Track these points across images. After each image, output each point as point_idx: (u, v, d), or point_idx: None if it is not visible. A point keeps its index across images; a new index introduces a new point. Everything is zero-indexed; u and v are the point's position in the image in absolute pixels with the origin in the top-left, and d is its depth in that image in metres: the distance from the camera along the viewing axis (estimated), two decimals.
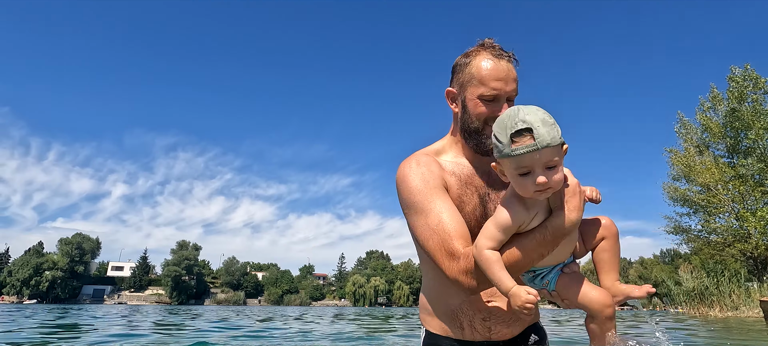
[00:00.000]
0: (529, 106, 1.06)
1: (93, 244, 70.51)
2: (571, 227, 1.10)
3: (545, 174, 1.02)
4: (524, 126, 1.01)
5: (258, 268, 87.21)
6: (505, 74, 1.30)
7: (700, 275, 18.05)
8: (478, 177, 1.39)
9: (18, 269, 62.78)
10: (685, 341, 4.00)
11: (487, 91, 1.30)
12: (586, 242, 1.26)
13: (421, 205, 1.26)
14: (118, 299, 68.22)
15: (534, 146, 1.00)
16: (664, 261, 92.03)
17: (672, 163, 20.37)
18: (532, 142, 1.00)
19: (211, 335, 5.01)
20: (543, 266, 1.20)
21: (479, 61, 1.32)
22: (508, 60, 1.33)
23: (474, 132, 1.35)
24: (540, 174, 1.02)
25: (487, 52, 1.33)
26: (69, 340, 3.11)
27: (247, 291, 76.60)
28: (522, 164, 1.02)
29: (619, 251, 1.27)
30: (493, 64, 1.31)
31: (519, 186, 1.06)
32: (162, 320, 7.88)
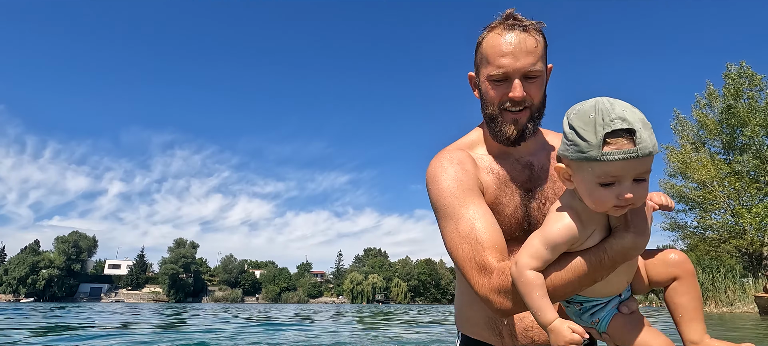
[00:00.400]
0: (618, 100, 0.84)
1: (90, 242, 70.27)
2: (635, 252, 0.89)
3: (633, 188, 0.81)
4: (624, 126, 0.79)
5: (256, 265, 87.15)
6: (515, 47, 1.12)
7: (696, 271, 18.15)
8: (518, 174, 1.22)
9: (14, 268, 62.49)
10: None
11: (494, 70, 1.14)
12: (650, 276, 0.97)
13: (452, 209, 1.10)
14: (115, 298, 68.05)
15: (634, 153, 0.78)
16: None
17: (668, 160, 20.49)
18: (632, 147, 0.79)
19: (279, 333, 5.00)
20: (594, 297, 0.96)
21: (490, 38, 1.16)
22: (522, 30, 1.13)
23: (490, 120, 1.20)
24: (628, 187, 0.81)
25: (499, 26, 1.15)
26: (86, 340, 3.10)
27: (245, 289, 76.55)
28: (611, 173, 0.80)
29: (701, 296, 0.97)
30: (500, 39, 1.13)
31: (594, 197, 0.83)
32: (176, 321, 7.88)
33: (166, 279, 69.25)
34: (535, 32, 1.15)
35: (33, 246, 66.87)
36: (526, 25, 1.14)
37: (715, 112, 20.13)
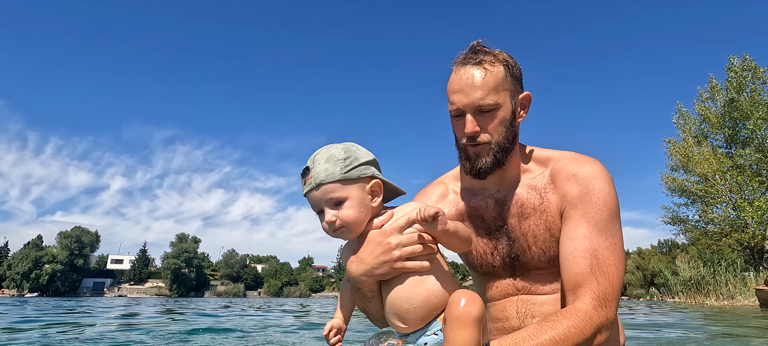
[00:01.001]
0: (341, 144, 0.99)
1: (92, 237, 70.55)
2: (353, 278, 0.98)
3: (335, 212, 0.94)
4: (306, 165, 0.97)
5: (257, 260, 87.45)
6: (465, 83, 1.12)
7: (697, 264, 18.16)
8: (486, 209, 1.24)
9: (17, 263, 62.85)
10: (684, 328, 4.04)
11: (450, 106, 1.16)
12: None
13: None
14: (118, 292, 68.43)
15: (310, 185, 0.95)
16: (661, 251, 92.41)
17: (670, 153, 20.42)
18: (310, 181, 0.95)
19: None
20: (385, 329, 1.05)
21: (451, 74, 1.18)
22: (475, 64, 1.13)
23: (458, 154, 1.22)
24: (327, 213, 0.94)
25: (458, 61, 1.17)
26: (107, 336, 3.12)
27: (247, 283, 76.89)
28: (311, 205, 0.98)
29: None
30: (454, 75, 1.15)
31: (323, 226, 0.98)
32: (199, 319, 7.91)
33: (168, 274, 69.57)
34: (491, 65, 1.14)
35: (36, 241, 67.18)
36: (480, 59, 1.14)
37: (717, 106, 20.03)
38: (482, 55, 1.15)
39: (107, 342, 2.13)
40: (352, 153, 0.96)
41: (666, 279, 20.33)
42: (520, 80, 1.20)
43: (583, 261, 1.03)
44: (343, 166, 0.94)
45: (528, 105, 1.22)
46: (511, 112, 1.17)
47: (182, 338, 2.40)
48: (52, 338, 2.24)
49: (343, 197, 0.94)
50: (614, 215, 1.09)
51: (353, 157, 0.95)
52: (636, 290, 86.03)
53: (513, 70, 1.17)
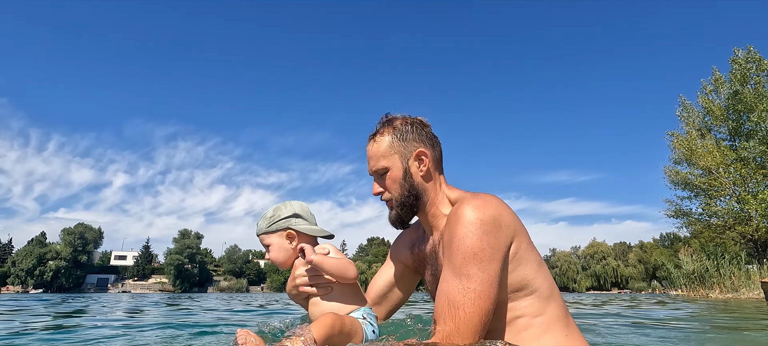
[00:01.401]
0: (275, 205, 1.50)
1: (95, 233, 70.88)
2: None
3: (267, 254, 1.48)
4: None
5: (260, 255, 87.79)
6: (367, 155, 1.42)
7: (701, 257, 18.15)
8: (423, 252, 1.46)
9: (21, 259, 63.24)
10: (689, 320, 4.04)
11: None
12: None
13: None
14: (122, 288, 68.81)
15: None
16: (663, 245, 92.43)
17: (673, 146, 20.33)
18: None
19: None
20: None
21: None
22: (370, 138, 1.41)
23: None
24: (266, 254, 1.51)
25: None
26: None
27: (250, 279, 77.24)
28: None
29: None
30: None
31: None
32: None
33: (171, 270, 69.92)
34: (381, 135, 1.39)
35: (39, 238, 67.53)
36: (374, 133, 1.41)
37: (721, 98, 19.92)
38: (377, 129, 1.42)
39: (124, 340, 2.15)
40: (277, 212, 1.44)
41: (669, 272, 20.32)
42: (414, 139, 1.37)
43: (440, 302, 1.15)
44: (268, 223, 1.44)
45: (427, 158, 1.35)
46: (404, 170, 1.36)
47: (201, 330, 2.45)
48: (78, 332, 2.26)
49: (267, 243, 1.46)
50: (471, 259, 1.12)
51: (277, 215, 1.44)
52: (638, 284, 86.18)
53: (403, 134, 1.37)
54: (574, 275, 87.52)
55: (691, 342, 2.28)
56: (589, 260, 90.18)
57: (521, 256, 1.18)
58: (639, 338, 2.40)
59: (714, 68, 20.37)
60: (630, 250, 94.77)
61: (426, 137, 1.39)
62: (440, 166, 1.40)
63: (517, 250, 1.18)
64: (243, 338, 1.11)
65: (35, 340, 2.11)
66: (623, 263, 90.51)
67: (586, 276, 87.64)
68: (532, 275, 1.19)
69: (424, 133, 1.39)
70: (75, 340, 2.07)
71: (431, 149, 1.37)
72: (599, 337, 2.34)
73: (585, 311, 5.49)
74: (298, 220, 1.44)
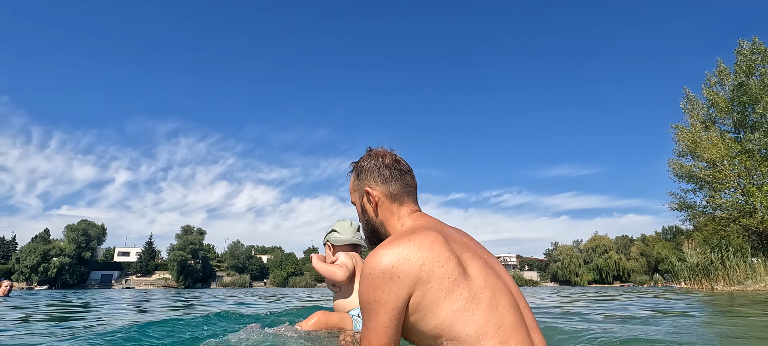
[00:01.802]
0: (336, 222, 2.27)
1: (98, 230, 71.10)
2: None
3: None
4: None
5: (262, 251, 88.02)
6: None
7: (705, 250, 18.11)
8: None
9: (26, 256, 63.51)
10: (701, 311, 4.02)
11: None
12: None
13: None
14: (126, 284, 69.14)
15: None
16: (666, 238, 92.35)
17: (678, 139, 20.23)
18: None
19: None
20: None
21: None
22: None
23: None
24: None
25: None
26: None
27: (253, 274, 77.49)
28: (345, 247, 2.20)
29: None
30: None
31: (339, 261, 2.11)
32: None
33: (174, 265, 70.15)
34: (351, 173, 1.56)
35: (43, 235, 67.78)
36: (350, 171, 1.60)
37: (726, 90, 19.79)
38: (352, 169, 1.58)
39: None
40: (332, 229, 2.19)
41: (672, 265, 20.30)
42: (366, 177, 1.46)
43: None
44: (325, 236, 2.16)
45: (374, 194, 1.43)
46: (361, 206, 1.51)
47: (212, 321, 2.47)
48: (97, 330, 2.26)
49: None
50: (364, 309, 1.19)
51: (329, 231, 2.19)
52: (640, 277, 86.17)
53: (359, 173, 1.48)
54: (576, 269, 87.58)
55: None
56: (591, 253, 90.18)
57: (427, 305, 1.14)
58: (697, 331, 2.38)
59: (719, 60, 20.24)
60: (632, 243, 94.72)
61: (378, 175, 1.45)
62: (402, 197, 1.43)
63: (420, 299, 1.14)
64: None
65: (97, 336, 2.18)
66: (625, 256, 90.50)
67: (588, 270, 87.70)
68: (449, 323, 1.13)
69: (377, 171, 1.45)
70: (160, 334, 2.15)
71: (383, 185, 1.42)
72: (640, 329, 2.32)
73: (620, 302, 5.47)
74: (332, 234, 2.17)
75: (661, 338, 2.02)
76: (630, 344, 1.77)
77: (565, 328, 2.43)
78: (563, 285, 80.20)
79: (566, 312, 4.04)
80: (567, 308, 4.86)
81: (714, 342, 1.96)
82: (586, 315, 3.59)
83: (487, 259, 1.29)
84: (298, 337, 1.70)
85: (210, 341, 1.70)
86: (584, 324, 2.69)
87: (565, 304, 5.95)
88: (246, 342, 1.61)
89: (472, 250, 1.27)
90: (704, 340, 2.03)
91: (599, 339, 1.86)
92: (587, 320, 3.13)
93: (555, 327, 2.47)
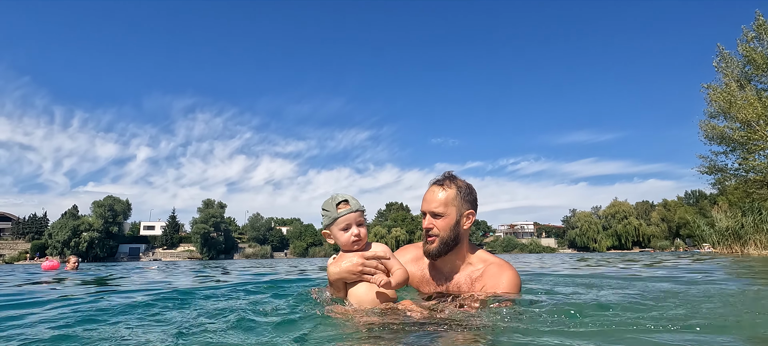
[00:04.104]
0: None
1: (124, 205, 73.34)
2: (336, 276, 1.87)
3: (363, 230, 1.80)
4: (343, 199, 1.78)
5: (282, 223, 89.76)
6: (428, 196, 2.01)
7: (735, 214, 17.61)
8: (433, 276, 2.07)
9: (57, 232, 66.24)
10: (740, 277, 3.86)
11: (421, 209, 2.06)
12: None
13: None
14: (153, 256, 71.76)
15: (350, 209, 1.77)
16: (688, 202, 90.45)
17: (710, 99, 19.35)
18: (349, 206, 1.78)
19: None
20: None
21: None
22: (437, 185, 2.02)
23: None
24: (360, 229, 1.80)
25: (432, 182, 2.05)
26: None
27: (273, 245, 79.37)
28: (345, 222, 1.77)
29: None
30: (427, 190, 2.04)
31: (343, 239, 1.80)
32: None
33: (198, 238, 72.28)
34: (448, 187, 1.92)
35: (72, 211, 70.34)
36: (442, 183, 1.95)
37: (764, 46, 18.69)
38: (443, 181, 1.94)
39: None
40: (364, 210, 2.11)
41: (700, 229, 19.87)
42: (471, 202, 1.95)
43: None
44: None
45: (472, 219, 1.96)
46: (456, 220, 1.90)
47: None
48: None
49: (363, 220, 1.83)
50: (516, 290, 1.93)
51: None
52: (660, 242, 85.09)
53: (464, 195, 1.93)
54: (595, 235, 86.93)
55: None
56: (610, 219, 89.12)
57: None
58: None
59: (757, 13, 19.01)
60: (653, 209, 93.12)
61: (475, 203, 1.97)
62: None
63: None
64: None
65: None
66: (645, 221, 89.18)
67: (607, 236, 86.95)
68: None
69: (475, 200, 1.97)
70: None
71: (475, 214, 1.95)
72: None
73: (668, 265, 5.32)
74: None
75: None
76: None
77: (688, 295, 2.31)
78: (581, 252, 79.91)
79: (670, 277, 3.92)
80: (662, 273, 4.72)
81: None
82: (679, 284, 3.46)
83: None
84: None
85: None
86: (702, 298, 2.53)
87: (650, 268, 5.80)
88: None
89: None
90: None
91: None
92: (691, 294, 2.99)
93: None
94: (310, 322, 1.61)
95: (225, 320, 1.67)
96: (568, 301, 1.99)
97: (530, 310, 1.65)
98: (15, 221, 74.29)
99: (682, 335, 1.31)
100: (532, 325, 1.43)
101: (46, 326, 1.67)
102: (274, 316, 1.73)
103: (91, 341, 1.41)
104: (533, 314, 1.59)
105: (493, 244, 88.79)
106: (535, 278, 3.56)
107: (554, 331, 1.34)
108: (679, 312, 1.67)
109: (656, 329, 1.36)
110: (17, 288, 4.19)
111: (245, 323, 1.59)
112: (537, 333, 1.33)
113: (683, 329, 1.37)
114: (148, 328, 1.61)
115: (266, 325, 1.56)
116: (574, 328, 1.36)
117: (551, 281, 3.20)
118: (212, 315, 1.81)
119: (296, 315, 1.72)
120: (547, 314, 1.56)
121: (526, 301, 1.80)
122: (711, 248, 19.65)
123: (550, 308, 1.66)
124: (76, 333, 1.51)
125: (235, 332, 1.48)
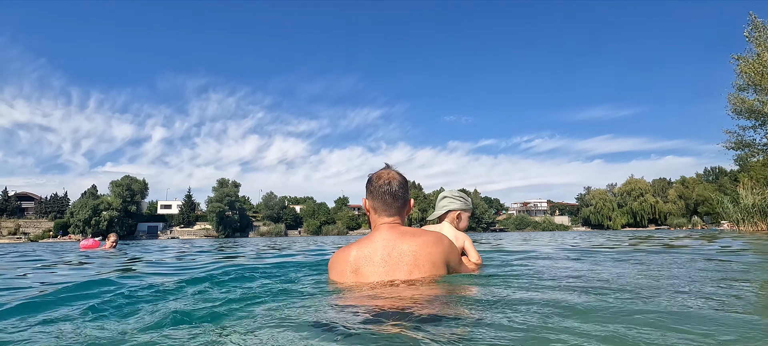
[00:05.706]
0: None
1: (141, 185, 74.75)
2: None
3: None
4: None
5: (295, 201, 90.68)
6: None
7: (762, 190, 17.06)
8: None
9: (78, 211, 68.01)
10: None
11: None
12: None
13: None
14: (170, 235, 73.43)
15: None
16: (707, 179, 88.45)
17: (740, 71, 18.54)
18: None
19: None
20: None
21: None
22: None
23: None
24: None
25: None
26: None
27: (287, 223, 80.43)
28: (468, 213, 2.96)
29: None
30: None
31: (463, 225, 2.94)
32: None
33: (213, 216, 73.58)
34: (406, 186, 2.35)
35: (91, 191, 71.99)
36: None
37: None
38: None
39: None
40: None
41: (723, 206, 19.36)
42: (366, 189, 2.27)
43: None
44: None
45: (366, 203, 2.24)
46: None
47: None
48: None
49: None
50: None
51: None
52: (677, 220, 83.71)
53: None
54: (609, 213, 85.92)
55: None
56: (626, 197, 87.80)
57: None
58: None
59: None
60: (670, 186, 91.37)
61: (367, 191, 2.19)
62: (374, 206, 2.11)
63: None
64: None
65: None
66: (662, 199, 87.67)
67: (622, 213, 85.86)
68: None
69: (367, 188, 2.19)
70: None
71: (370, 198, 2.14)
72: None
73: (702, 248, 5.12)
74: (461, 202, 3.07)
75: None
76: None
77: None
78: (595, 229, 79.18)
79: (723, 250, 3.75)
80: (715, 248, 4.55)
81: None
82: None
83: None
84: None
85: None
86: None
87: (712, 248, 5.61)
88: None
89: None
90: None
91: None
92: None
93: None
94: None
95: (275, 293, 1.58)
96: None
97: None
98: (38, 200, 76.46)
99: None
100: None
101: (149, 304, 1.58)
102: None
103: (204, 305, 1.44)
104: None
105: (506, 222, 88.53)
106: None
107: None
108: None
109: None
110: (81, 266, 4.27)
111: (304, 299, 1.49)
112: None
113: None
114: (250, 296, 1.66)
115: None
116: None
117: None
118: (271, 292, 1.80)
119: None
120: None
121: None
122: (732, 226, 19.19)
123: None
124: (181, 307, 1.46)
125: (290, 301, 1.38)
